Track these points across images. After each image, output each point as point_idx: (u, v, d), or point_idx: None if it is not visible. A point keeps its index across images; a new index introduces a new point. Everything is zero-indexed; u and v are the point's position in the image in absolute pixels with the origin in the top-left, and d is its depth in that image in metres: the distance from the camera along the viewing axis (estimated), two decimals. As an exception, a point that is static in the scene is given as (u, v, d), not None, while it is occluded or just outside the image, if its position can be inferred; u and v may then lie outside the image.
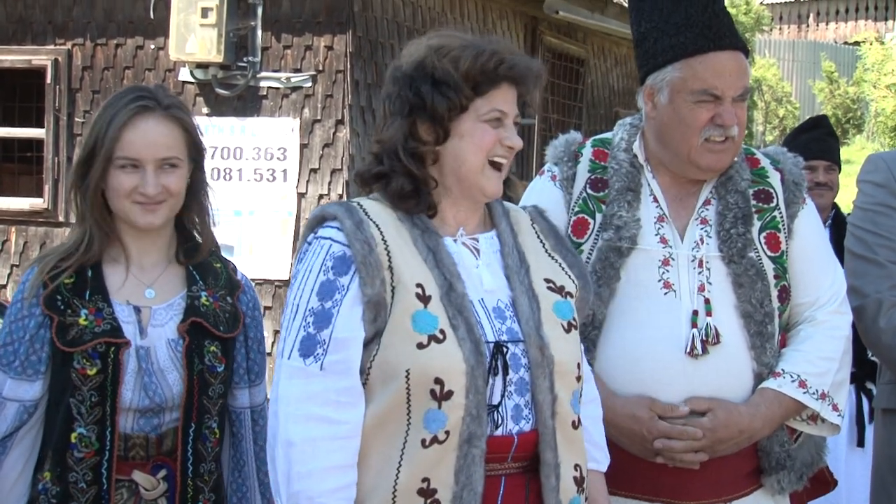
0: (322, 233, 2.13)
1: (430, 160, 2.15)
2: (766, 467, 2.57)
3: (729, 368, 2.51)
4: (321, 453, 2.03)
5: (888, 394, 2.88)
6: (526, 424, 2.12)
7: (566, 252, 2.30)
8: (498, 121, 2.15)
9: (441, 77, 2.11)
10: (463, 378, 2.05)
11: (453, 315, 2.07)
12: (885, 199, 2.82)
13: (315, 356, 2.06)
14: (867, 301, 2.78)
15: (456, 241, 2.19)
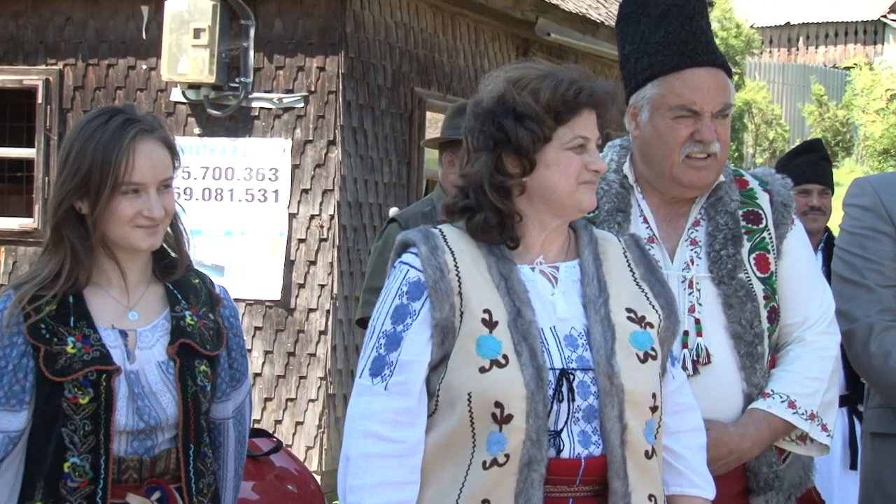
0: (403, 258, 2.22)
1: (517, 192, 2.21)
2: (755, 487, 2.59)
3: (719, 388, 2.53)
4: (375, 469, 2.12)
5: (876, 418, 2.90)
6: (595, 449, 2.15)
7: (654, 281, 2.32)
8: (582, 147, 2.20)
9: (523, 111, 2.17)
10: (523, 403, 2.10)
11: (518, 341, 2.13)
12: (873, 223, 2.84)
13: (382, 376, 2.15)
14: (857, 325, 2.79)
15: (534, 269, 2.24)
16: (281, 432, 7.00)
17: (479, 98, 2.24)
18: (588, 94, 2.19)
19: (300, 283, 7.27)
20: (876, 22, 26.30)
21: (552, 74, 2.20)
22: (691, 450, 2.31)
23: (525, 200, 2.21)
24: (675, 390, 2.30)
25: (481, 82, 2.27)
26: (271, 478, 3.76)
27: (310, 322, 7.21)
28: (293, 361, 7.27)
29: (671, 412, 2.27)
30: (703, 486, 2.31)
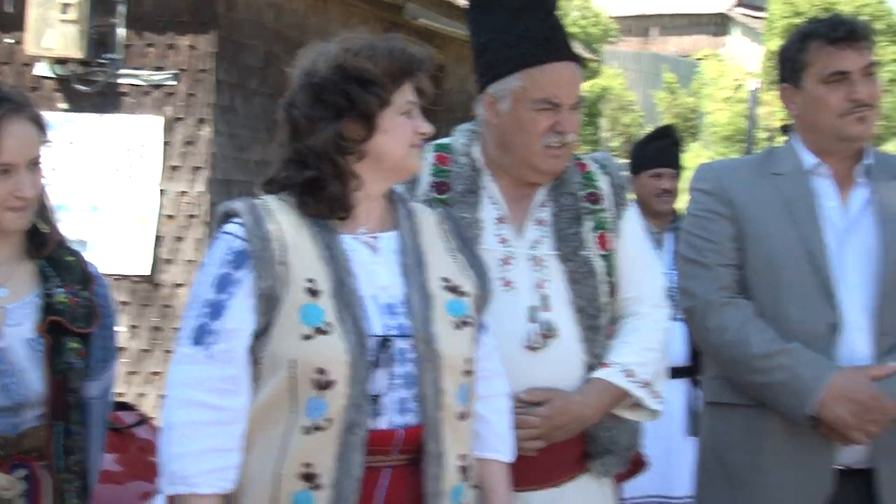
0: (227, 228, 2.18)
1: (355, 159, 2.20)
2: (593, 452, 2.65)
3: (564, 360, 2.58)
4: (199, 437, 2.08)
5: (714, 388, 2.99)
6: (412, 418, 2.17)
7: (469, 252, 2.36)
8: (410, 112, 2.23)
9: (367, 76, 2.17)
10: (346, 369, 2.09)
11: (341, 309, 2.12)
12: (714, 206, 2.92)
13: (206, 344, 2.11)
14: (698, 302, 2.88)
15: (356, 239, 2.23)
16: (145, 406, 6.88)
17: (309, 69, 2.21)
18: (416, 62, 2.23)
19: (168, 258, 7.15)
20: (723, 15, 27.03)
21: (381, 44, 2.22)
22: (496, 414, 2.36)
23: (362, 166, 2.21)
24: (484, 356, 2.34)
25: (300, 57, 2.25)
26: (134, 450, 3.72)
27: (177, 297, 7.10)
28: (159, 336, 7.15)
29: (480, 377, 2.31)
30: (502, 449, 2.36)
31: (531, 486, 2.55)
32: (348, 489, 2.09)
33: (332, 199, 2.19)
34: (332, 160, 2.18)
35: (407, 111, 2.23)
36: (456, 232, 2.37)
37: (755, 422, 2.86)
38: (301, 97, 2.21)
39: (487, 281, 2.36)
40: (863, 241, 2.82)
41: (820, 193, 2.88)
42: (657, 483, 4.40)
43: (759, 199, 2.89)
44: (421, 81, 2.27)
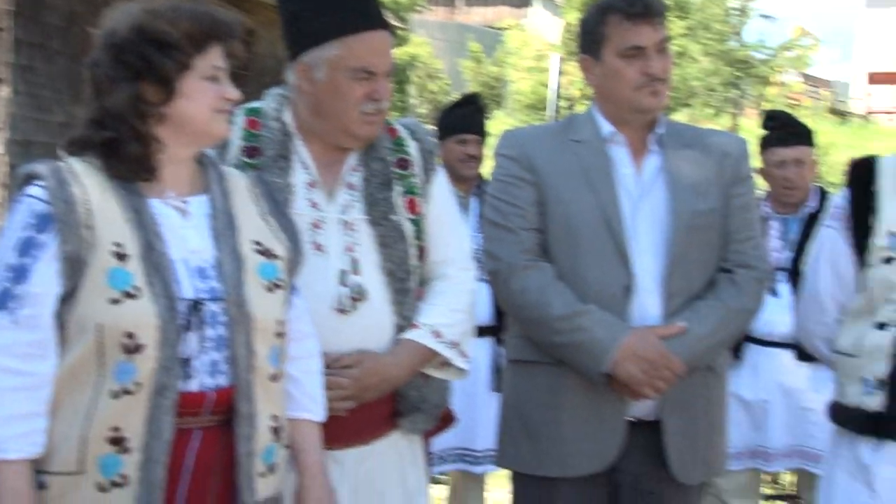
0: (29, 191, 2.10)
1: (155, 122, 2.14)
2: (403, 410, 2.69)
3: (374, 322, 2.60)
4: (5, 402, 2.02)
5: (517, 347, 3.07)
6: (224, 379, 2.15)
7: (281, 216, 2.34)
8: (215, 77, 2.18)
9: (166, 39, 2.11)
10: (155, 333, 2.06)
11: (150, 273, 2.08)
12: (518, 172, 2.98)
13: (10, 309, 2.04)
14: (501, 265, 2.94)
15: (165, 203, 2.18)
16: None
17: (111, 29, 2.16)
18: (222, 26, 2.20)
19: (-34, 221, 6.82)
20: (526, -13, 27.42)
21: (186, 6, 2.18)
22: (307, 374, 2.38)
23: (164, 130, 2.17)
24: (295, 318, 2.35)
25: (104, 17, 2.19)
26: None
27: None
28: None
29: (291, 339, 2.32)
30: (313, 409, 2.38)
31: (342, 444, 2.57)
32: (158, 452, 2.07)
33: (132, 160, 2.14)
34: (129, 122, 2.13)
35: (212, 76, 2.19)
36: (267, 196, 2.36)
37: (554, 379, 2.94)
38: (102, 57, 2.15)
39: (299, 244, 2.35)
40: (655, 207, 2.93)
41: (616, 160, 2.97)
42: (461, 436, 4.50)
43: (559, 166, 2.96)
44: (232, 46, 2.23)
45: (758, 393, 4.42)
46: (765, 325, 4.27)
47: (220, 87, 2.20)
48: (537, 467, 2.98)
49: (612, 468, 2.94)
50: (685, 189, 2.93)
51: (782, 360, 4.34)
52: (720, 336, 2.92)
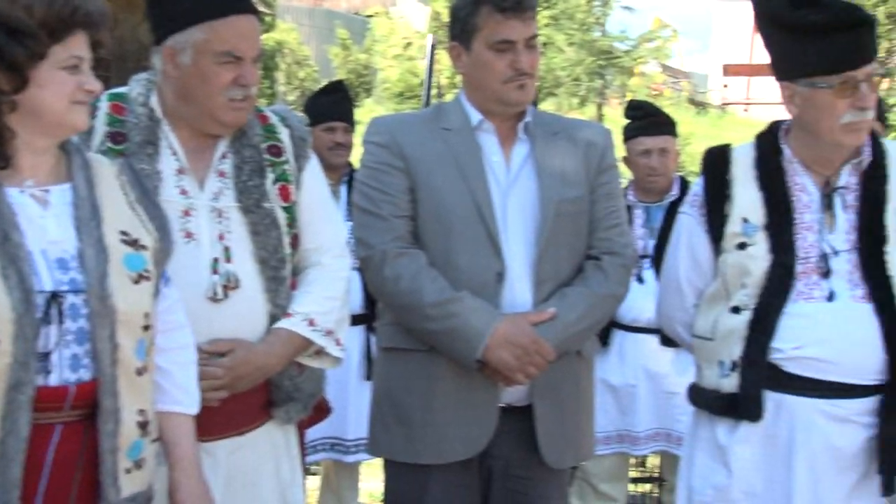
0: None
1: (7, 110, 2.06)
2: (277, 400, 2.67)
3: (247, 311, 2.57)
4: None
5: (388, 334, 3.07)
6: (86, 373, 2.09)
7: (149, 204, 2.28)
8: (76, 67, 2.11)
9: (17, 26, 2.02)
10: (9, 326, 1.98)
11: (6, 265, 2.00)
12: (388, 159, 2.98)
13: None
14: (373, 252, 2.94)
15: (23, 192, 2.10)
16: None
17: None
18: (84, 14, 2.12)
19: None
20: (395, -25, 27.39)
21: None
22: (179, 366, 2.34)
23: (16, 119, 2.09)
24: (166, 309, 2.30)
25: None
26: None
27: None
28: None
29: (161, 331, 2.27)
30: (185, 401, 2.34)
31: (214, 435, 2.54)
32: (13, 448, 2.00)
33: None
34: None
35: (71, 66, 2.11)
36: (135, 183, 2.29)
37: (427, 366, 2.96)
38: None
39: (168, 233, 2.30)
40: (524, 195, 2.96)
41: (485, 148, 3.00)
42: (333, 426, 4.48)
43: (430, 153, 2.97)
44: (97, 35, 2.16)
45: (625, 378, 4.52)
46: (631, 312, 4.37)
47: (80, 77, 2.13)
48: (410, 455, 2.99)
49: (485, 454, 2.98)
50: (553, 177, 2.97)
51: (648, 345, 4.45)
52: (589, 322, 2.97)
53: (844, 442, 2.68)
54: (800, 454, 2.68)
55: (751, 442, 2.73)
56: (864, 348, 2.66)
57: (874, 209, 2.72)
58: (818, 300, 2.69)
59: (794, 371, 2.69)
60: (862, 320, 2.67)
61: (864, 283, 2.69)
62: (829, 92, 2.65)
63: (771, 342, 2.69)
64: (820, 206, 2.75)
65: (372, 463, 4.93)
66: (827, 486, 2.67)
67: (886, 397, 2.66)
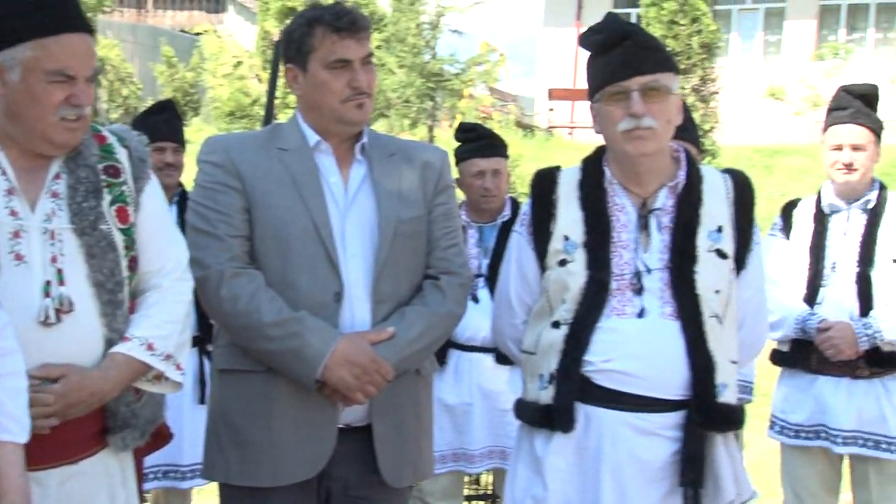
0: None
1: None
2: (112, 426, 2.61)
3: (81, 336, 2.51)
4: None
5: (224, 356, 3.04)
6: None
7: None
8: None
9: None
10: None
11: None
12: (223, 179, 2.97)
13: None
14: (209, 272, 2.91)
15: None
16: None
17: None
18: None
19: None
20: (220, -8, 27.10)
21: None
22: (8, 393, 2.27)
23: None
24: None
25: None
26: None
27: None
28: None
29: None
30: (14, 430, 2.28)
31: (45, 464, 2.46)
32: None
33: None
34: None
35: None
36: None
37: (265, 387, 2.94)
38: None
39: None
40: (362, 215, 2.99)
41: (323, 169, 3.01)
42: (167, 452, 4.36)
43: (266, 173, 2.97)
44: None
45: (461, 397, 4.58)
46: (466, 331, 4.44)
47: None
48: (247, 477, 2.96)
49: (323, 475, 2.97)
50: (391, 198, 3.01)
51: (483, 364, 4.53)
52: (427, 340, 3.01)
53: (650, 455, 2.77)
54: (606, 466, 2.76)
55: (564, 454, 2.81)
56: (670, 364, 2.77)
57: (687, 231, 2.85)
58: (629, 316, 2.80)
59: (603, 384, 2.78)
60: (669, 336, 2.78)
61: (674, 301, 2.80)
62: (607, 102, 2.81)
63: (584, 355, 2.79)
64: (636, 225, 2.87)
65: (204, 488, 4.85)
66: (635, 498, 2.76)
67: (689, 413, 2.77)
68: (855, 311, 4.14)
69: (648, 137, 2.80)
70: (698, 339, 2.77)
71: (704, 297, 2.79)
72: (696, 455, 2.75)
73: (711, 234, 2.85)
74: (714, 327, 2.79)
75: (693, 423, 2.76)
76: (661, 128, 2.80)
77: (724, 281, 2.84)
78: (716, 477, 2.77)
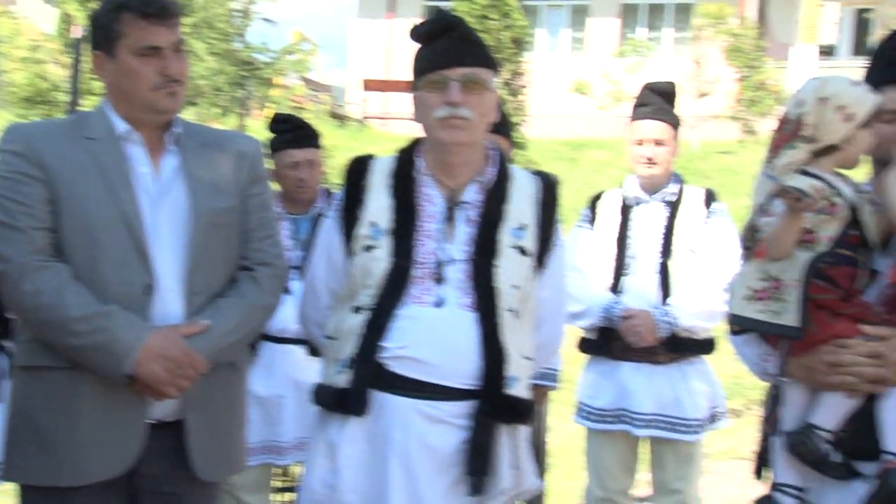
0: None
1: None
2: None
3: None
4: None
5: (26, 352, 2.94)
6: None
7: None
8: None
9: None
10: None
11: None
12: (25, 169, 2.86)
13: None
14: (10, 266, 2.81)
15: None
16: None
17: None
18: None
19: None
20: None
21: None
22: None
23: None
24: None
25: None
26: None
27: None
28: None
29: None
30: None
31: None
32: None
33: None
34: None
35: None
36: None
37: (70, 383, 2.86)
38: None
39: None
40: (175, 206, 2.94)
41: (133, 159, 2.94)
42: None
43: (72, 163, 2.88)
44: None
45: (272, 389, 4.55)
46: (279, 323, 4.41)
47: None
48: (50, 477, 2.87)
49: (133, 473, 2.91)
50: (204, 188, 2.97)
51: (295, 355, 4.51)
52: (242, 332, 3.00)
53: (440, 442, 2.82)
54: (396, 452, 2.80)
55: (356, 440, 2.85)
56: (462, 354, 2.83)
57: (491, 225, 2.92)
58: (427, 305, 2.85)
59: (397, 371, 2.82)
60: (464, 327, 2.84)
61: (473, 293, 2.87)
62: (426, 89, 2.87)
63: (381, 341, 2.82)
64: (443, 217, 2.93)
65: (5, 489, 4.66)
66: (424, 485, 2.81)
67: (479, 402, 2.84)
68: (656, 299, 4.33)
69: (463, 127, 2.85)
70: (492, 330, 2.84)
71: (502, 291, 2.86)
72: (482, 445, 2.82)
73: (514, 230, 2.93)
74: (509, 321, 2.86)
75: (482, 412, 2.83)
76: (476, 120, 2.87)
77: (524, 277, 2.92)
78: (495, 466, 2.84)
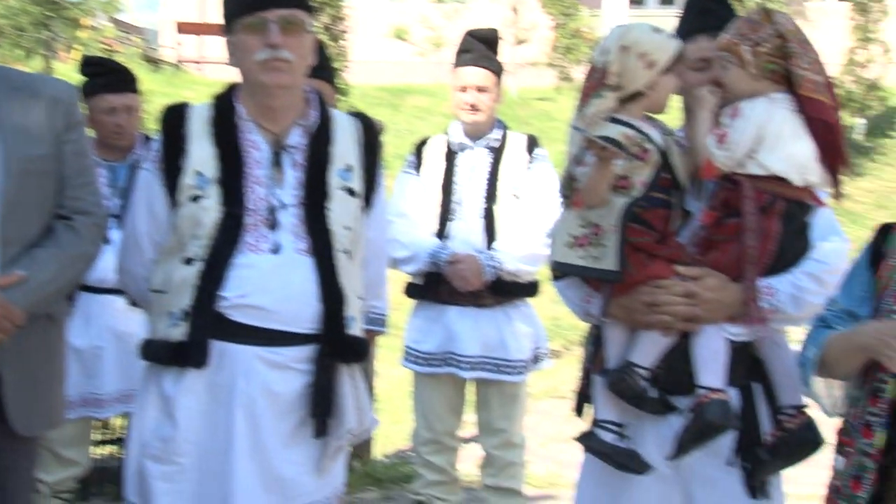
0: None
1: None
2: None
3: None
4: None
5: None
6: None
7: None
8: None
9: None
10: None
11: None
12: None
13: None
14: None
15: None
16: None
17: None
18: None
19: None
20: None
21: None
22: None
23: None
24: None
25: None
26: None
27: None
28: None
29: None
30: None
31: None
32: None
33: None
34: None
35: None
36: None
37: None
38: None
39: None
40: None
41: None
42: None
43: None
44: None
45: (90, 340, 4.45)
46: (98, 273, 4.27)
47: None
48: None
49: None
50: (16, 135, 2.87)
51: (115, 306, 4.41)
52: (60, 283, 2.92)
53: (283, 388, 2.85)
54: (239, 400, 2.82)
55: (195, 391, 2.84)
56: (302, 298, 2.86)
57: (319, 168, 2.93)
58: (264, 252, 2.86)
59: (238, 319, 2.83)
60: (302, 272, 2.87)
61: (308, 237, 2.89)
62: (244, 32, 2.85)
63: (218, 291, 2.81)
64: (270, 162, 2.92)
65: None
66: (267, 432, 2.84)
67: (320, 346, 2.87)
68: (481, 243, 4.42)
69: (285, 69, 2.84)
70: (330, 273, 2.87)
71: (336, 233, 2.89)
72: (325, 387, 2.86)
73: (342, 172, 2.95)
74: (344, 262, 2.90)
75: (323, 355, 2.85)
76: (297, 62, 2.86)
77: (354, 218, 2.95)
78: (340, 407, 2.89)
